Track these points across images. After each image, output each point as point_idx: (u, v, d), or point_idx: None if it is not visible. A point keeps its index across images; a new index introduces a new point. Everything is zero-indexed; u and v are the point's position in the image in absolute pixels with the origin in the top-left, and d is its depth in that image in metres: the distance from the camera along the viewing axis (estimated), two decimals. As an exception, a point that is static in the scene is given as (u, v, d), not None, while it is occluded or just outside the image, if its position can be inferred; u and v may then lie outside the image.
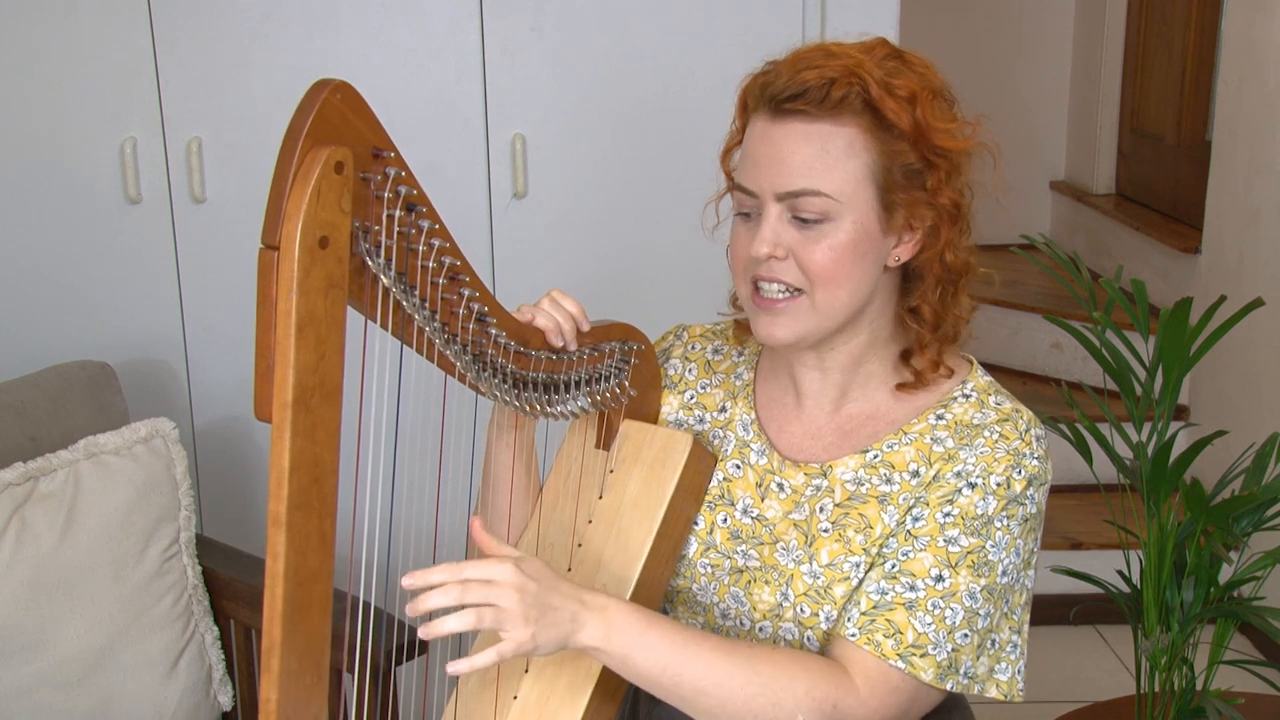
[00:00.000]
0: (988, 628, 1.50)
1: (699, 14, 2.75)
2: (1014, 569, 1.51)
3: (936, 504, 1.50)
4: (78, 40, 2.66)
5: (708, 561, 1.63)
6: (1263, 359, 3.61)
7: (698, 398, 1.71)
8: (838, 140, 1.45)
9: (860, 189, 1.47)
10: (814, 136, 1.46)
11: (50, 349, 2.65)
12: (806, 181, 1.46)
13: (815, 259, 1.47)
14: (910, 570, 1.49)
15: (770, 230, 1.48)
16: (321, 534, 1.21)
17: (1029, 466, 1.52)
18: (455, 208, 2.72)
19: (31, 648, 2.16)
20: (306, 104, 1.13)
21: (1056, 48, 5.24)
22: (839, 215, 1.47)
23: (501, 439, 1.62)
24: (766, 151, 1.48)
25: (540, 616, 1.35)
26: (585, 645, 1.40)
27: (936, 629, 1.46)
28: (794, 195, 1.46)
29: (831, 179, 1.46)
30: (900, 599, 1.48)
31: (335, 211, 1.15)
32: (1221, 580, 2.40)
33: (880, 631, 1.47)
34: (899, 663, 1.45)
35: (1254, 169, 3.67)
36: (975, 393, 1.58)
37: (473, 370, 1.39)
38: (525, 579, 1.35)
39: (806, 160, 1.46)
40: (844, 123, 1.45)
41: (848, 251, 1.48)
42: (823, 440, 1.62)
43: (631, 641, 1.40)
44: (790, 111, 1.46)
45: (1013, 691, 1.54)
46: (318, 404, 1.18)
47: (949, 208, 1.51)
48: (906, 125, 1.46)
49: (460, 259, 1.32)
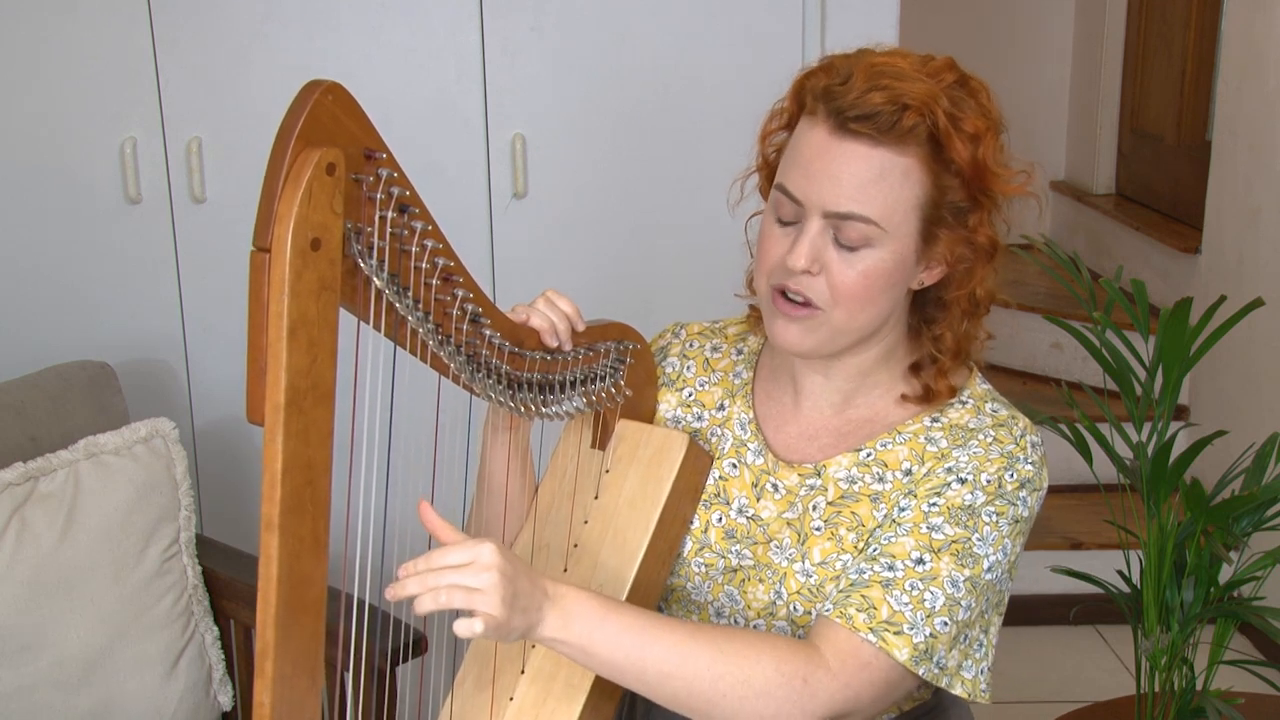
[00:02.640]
0: (967, 621, 1.48)
1: (699, 14, 2.75)
2: (999, 567, 1.50)
3: (924, 495, 1.50)
4: (78, 40, 2.66)
5: (702, 561, 1.63)
6: (1263, 359, 3.61)
7: (696, 395, 1.71)
8: (896, 169, 1.43)
9: (906, 219, 1.45)
10: (874, 161, 1.43)
11: (50, 349, 2.65)
12: (858, 206, 1.43)
13: (847, 281, 1.46)
14: (891, 552, 1.48)
15: (810, 245, 1.46)
16: (315, 537, 1.21)
17: (1023, 470, 1.51)
18: (455, 208, 2.75)
19: (31, 648, 2.16)
20: (298, 105, 1.13)
21: (1056, 48, 5.24)
22: (880, 243, 1.45)
23: (496, 440, 1.61)
24: (821, 165, 1.45)
25: (514, 600, 1.32)
26: (545, 638, 1.37)
27: (914, 609, 1.44)
28: (841, 217, 1.44)
29: (881, 206, 1.43)
30: (877, 577, 1.46)
31: (327, 213, 1.15)
32: (1221, 580, 2.39)
33: (853, 606, 1.45)
34: (870, 636, 1.43)
35: (1254, 169, 3.67)
36: (972, 399, 1.58)
37: (467, 371, 1.39)
38: (504, 562, 1.32)
39: (861, 184, 1.43)
40: (905, 152, 1.43)
41: (881, 279, 1.47)
42: (819, 441, 1.62)
43: (590, 629, 1.37)
44: (855, 132, 1.42)
45: (976, 691, 1.51)
46: (310, 406, 1.17)
47: (986, 246, 1.50)
48: (966, 163, 1.44)
49: (454, 260, 1.32)
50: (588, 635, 1.37)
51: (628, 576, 1.55)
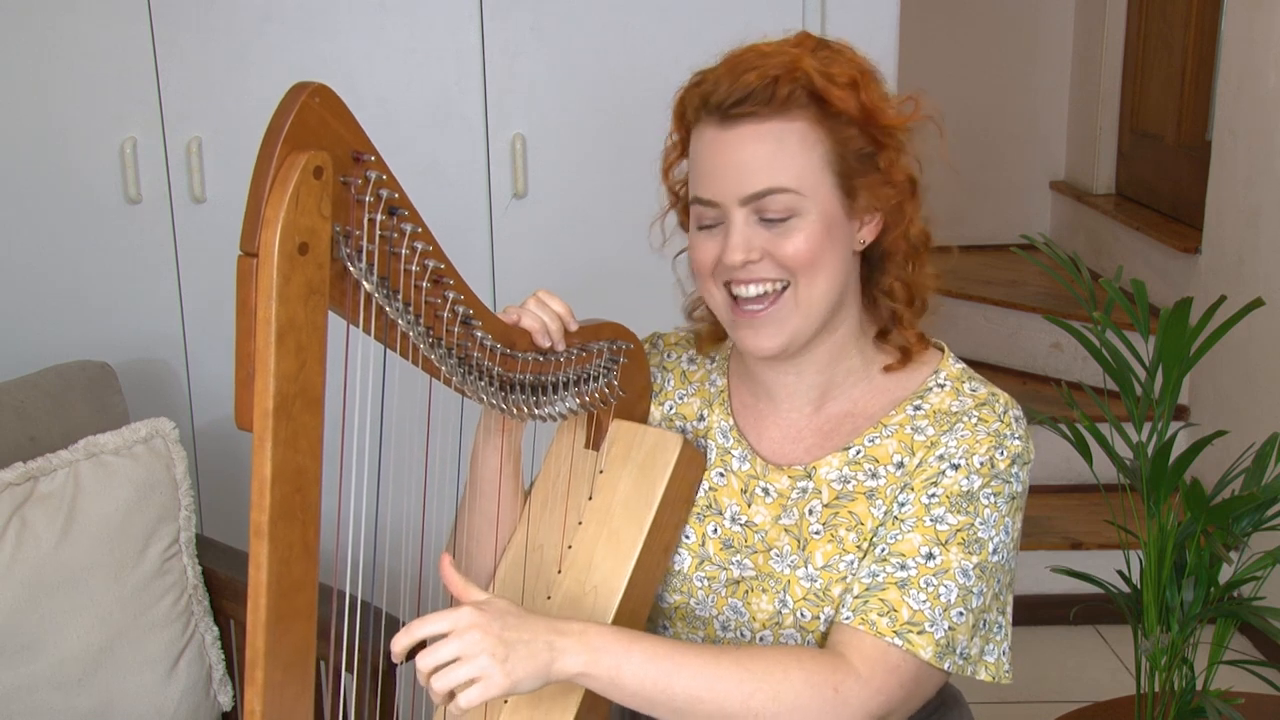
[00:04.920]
0: (981, 607, 1.49)
1: (699, 14, 2.75)
2: (1004, 548, 1.51)
3: (921, 487, 1.50)
4: (78, 40, 2.66)
5: (703, 574, 1.63)
6: (1262, 359, 3.60)
7: (677, 408, 1.71)
8: (791, 136, 1.46)
9: (821, 179, 1.48)
10: (767, 136, 1.46)
11: (50, 349, 2.65)
12: (769, 180, 1.46)
13: (790, 251, 1.48)
14: (900, 551, 1.48)
15: (740, 236, 1.48)
16: (305, 543, 1.21)
17: (1011, 446, 1.52)
18: (455, 208, 2.75)
19: (31, 648, 2.17)
20: (284, 108, 1.13)
21: (1056, 48, 5.22)
22: (804, 209, 1.47)
23: (489, 443, 1.60)
24: (721, 160, 1.48)
25: (510, 654, 1.32)
26: (569, 673, 1.36)
27: (932, 606, 1.45)
28: (758, 196, 1.47)
29: (791, 174, 1.46)
30: (892, 578, 1.47)
31: (315, 217, 1.14)
32: (1221, 580, 2.39)
33: (874, 611, 1.46)
34: (896, 640, 1.44)
35: (1254, 169, 3.66)
36: (949, 381, 1.58)
37: (458, 374, 1.39)
38: (486, 619, 1.32)
39: (764, 160, 1.46)
40: (793, 118, 1.46)
41: (821, 238, 1.48)
42: (803, 442, 1.62)
43: (617, 662, 1.37)
44: (739, 116, 1.46)
45: (1000, 674, 1.53)
46: (299, 412, 1.17)
47: (906, 183, 1.53)
48: (854, 110, 1.47)
49: (444, 261, 1.32)
50: (615, 668, 1.37)
51: (623, 577, 1.55)
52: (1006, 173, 5.17)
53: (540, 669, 1.34)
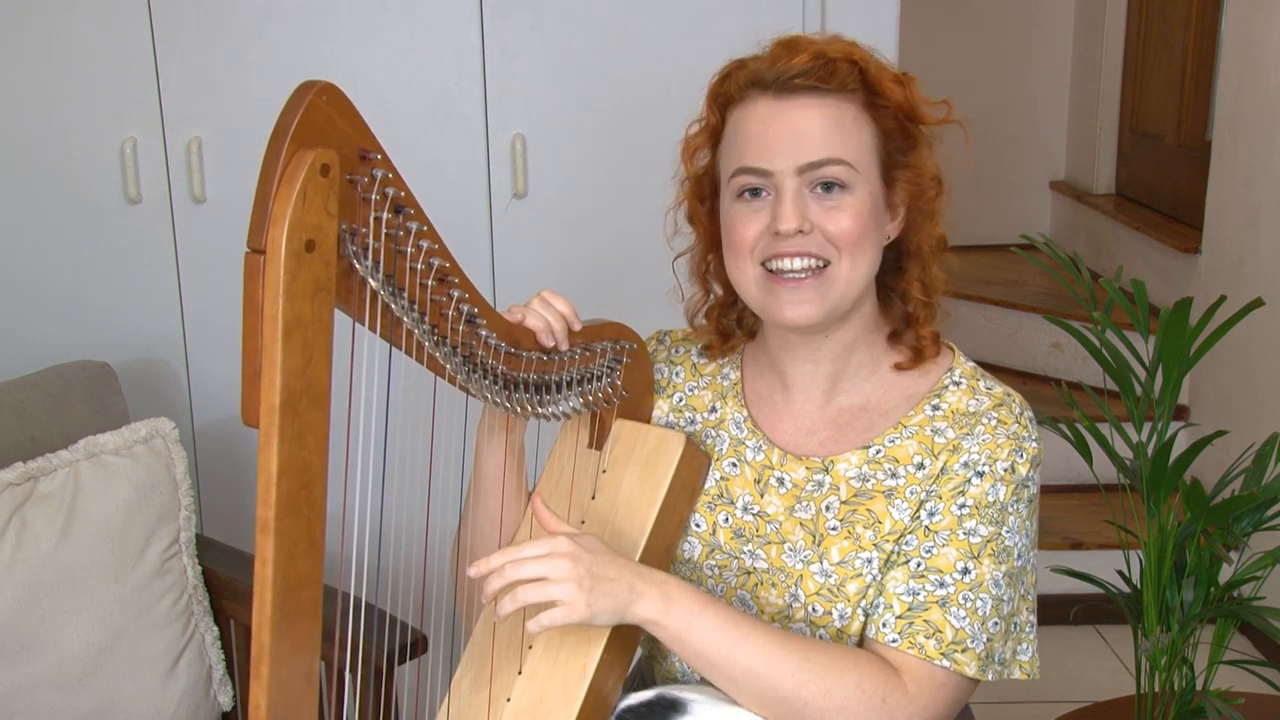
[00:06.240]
0: (1011, 612, 1.52)
1: (699, 14, 2.75)
2: (1025, 550, 1.54)
3: (949, 496, 1.52)
4: (78, 40, 2.66)
5: (714, 563, 1.63)
6: (1262, 359, 3.60)
7: (687, 400, 1.72)
8: (846, 114, 1.49)
9: (870, 162, 1.51)
10: (826, 109, 1.49)
11: (50, 349, 2.65)
12: (828, 151, 1.48)
13: (842, 226, 1.49)
14: (937, 567, 1.50)
15: (794, 204, 1.49)
16: (311, 539, 1.21)
17: (1029, 449, 1.54)
18: (455, 208, 2.75)
19: (31, 648, 2.16)
20: (291, 106, 1.13)
21: (1056, 48, 5.23)
22: (856, 185, 1.50)
23: (492, 441, 1.61)
24: (777, 128, 1.49)
25: (595, 585, 1.39)
26: (643, 618, 1.42)
27: (971, 622, 1.48)
28: (816, 166, 1.48)
29: (849, 148, 1.49)
30: (933, 597, 1.49)
31: (321, 214, 1.14)
32: (1221, 580, 2.39)
33: (920, 633, 1.48)
34: (944, 661, 1.47)
35: (1254, 169, 3.67)
36: (964, 379, 1.60)
37: (463, 372, 1.39)
38: (579, 549, 1.40)
39: (823, 131, 1.48)
40: (847, 98, 1.50)
41: (867, 219, 1.51)
42: (818, 435, 1.63)
43: (689, 618, 1.43)
44: (799, 87, 1.49)
45: (1033, 670, 1.57)
46: (305, 409, 1.17)
47: (935, 180, 1.56)
48: (900, 102, 1.51)
49: (449, 260, 1.32)
50: (685, 622, 1.43)
51: None
52: (1006, 173, 5.17)
53: (619, 607, 1.41)
